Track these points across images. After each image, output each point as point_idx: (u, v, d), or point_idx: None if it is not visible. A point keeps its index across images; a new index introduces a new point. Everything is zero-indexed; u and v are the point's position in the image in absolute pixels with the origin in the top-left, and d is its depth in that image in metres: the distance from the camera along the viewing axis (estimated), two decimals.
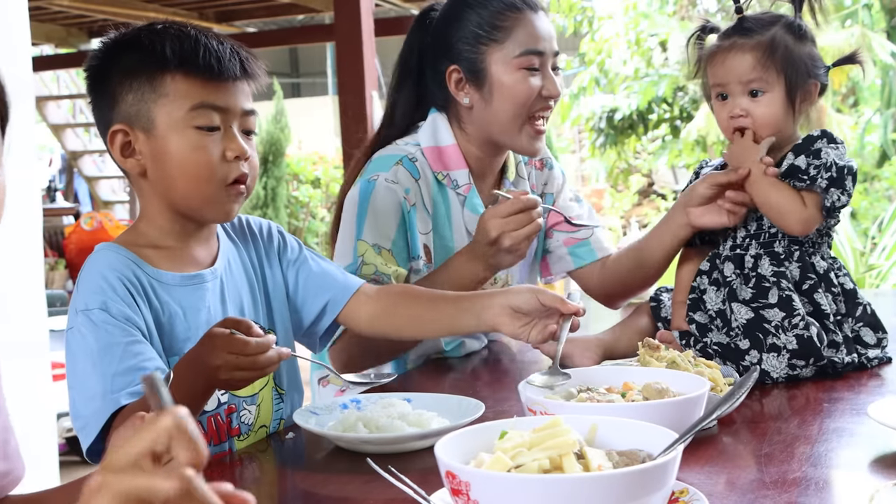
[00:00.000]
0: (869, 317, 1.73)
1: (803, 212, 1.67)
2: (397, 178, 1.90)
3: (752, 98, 1.71)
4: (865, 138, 9.24)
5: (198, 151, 1.41)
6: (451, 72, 1.95)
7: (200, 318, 1.47)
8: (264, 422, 1.55)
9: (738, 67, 1.71)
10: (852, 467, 1.22)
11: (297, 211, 11.39)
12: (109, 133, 1.43)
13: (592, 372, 1.43)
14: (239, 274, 1.56)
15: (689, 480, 1.09)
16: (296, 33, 10.99)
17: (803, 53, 1.72)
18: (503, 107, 1.91)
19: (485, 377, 1.89)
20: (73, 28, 9.21)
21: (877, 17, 9.22)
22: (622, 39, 10.37)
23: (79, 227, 8.75)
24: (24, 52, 3.09)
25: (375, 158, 1.96)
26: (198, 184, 1.42)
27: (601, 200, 13.73)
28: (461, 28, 1.94)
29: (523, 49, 1.90)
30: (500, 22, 1.91)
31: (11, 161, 3.08)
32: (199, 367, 1.30)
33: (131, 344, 1.36)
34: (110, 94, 1.43)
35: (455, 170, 1.98)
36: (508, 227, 1.72)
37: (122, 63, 1.43)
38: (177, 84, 1.40)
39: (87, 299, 1.38)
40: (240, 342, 1.27)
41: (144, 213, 1.49)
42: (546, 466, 0.92)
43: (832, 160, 1.65)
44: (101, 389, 1.34)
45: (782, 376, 1.62)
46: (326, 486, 1.27)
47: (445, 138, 1.98)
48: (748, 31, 1.72)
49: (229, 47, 1.44)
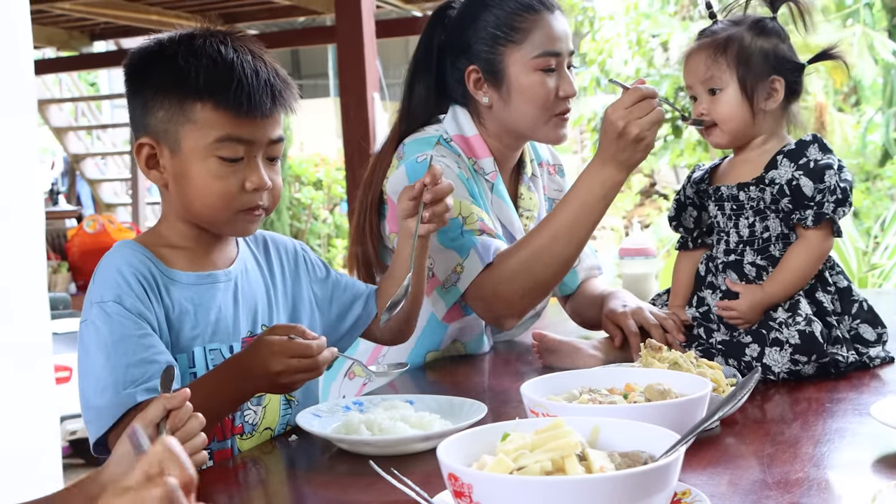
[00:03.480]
0: (866, 313, 1.73)
1: (820, 252, 1.67)
2: (445, 153, 1.92)
3: (712, 96, 1.73)
4: (867, 137, 9.23)
5: (218, 181, 1.45)
6: (469, 71, 1.97)
7: (210, 317, 1.49)
8: (269, 424, 1.56)
9: (696, 68, 1.74)
10: (855, 468, 1.22)
11: (299, 213, 11.39)
12: (137, 144, 1.47)
13: (594, 373, 1.43)
14: (256, 279, 1.59)
15: (691, 481, 1.09)
16: (297, 35, 10.99)
17: (765, 49, 1.71)
18: (522, 108, 1.94)
19: (487, 379, 1.89)
20: (75, 31, 9.21)
21: (878, 15, 9.21)
22: (623, 40, 10.36)
23: (81, 229, 8.75)
24: (27, 54, 3.09)
25: (410, 142, 1.97)
26: (212, 210, 1.46)
27: None
28: (479, 28, 1.95)
29: (541, 51, 1.92)
30: (518, 23, 1.92)
31: (13, 164, 3.08)
32: (248, 373, 1.36)
33: (143, 337, 1.39)
34: (143, 103, 1.47)
35: (481, 157, 2.00)
36: (633, 115, 1.71)
37: (158, 77, 1.46)
38: (206, 113, 1.43)
39: (103, 292, 1.41)
40: (303, 346, 1.34)
41: (165, 216, 1.53)
42: (548, 468, 0.92)
43: (835, 182, 1.64)
44: (114, 380, 1.36)
45: (784, 371, 1.62)
46: (329, 489, 1.27)
47: (469, 129, 2.00)
48: (710, 32, 1.75)
49: (264, 79, 1.45)
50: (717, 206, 1.78)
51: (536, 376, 1.39)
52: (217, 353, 1.50)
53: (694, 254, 1.85)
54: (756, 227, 1.72)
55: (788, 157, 1.69)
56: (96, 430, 1.37)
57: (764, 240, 1.72)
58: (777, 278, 1.67)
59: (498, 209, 2.01)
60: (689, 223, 1.85)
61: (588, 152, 12.97)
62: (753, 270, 1.71)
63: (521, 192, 2.11)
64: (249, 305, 1.55)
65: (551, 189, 2.21)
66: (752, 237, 1.73)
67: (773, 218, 1.71)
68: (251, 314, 1.55)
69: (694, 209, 1.83)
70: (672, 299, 1.87)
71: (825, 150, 1.69)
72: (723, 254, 1.75)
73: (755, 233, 1.72)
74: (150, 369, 1.37)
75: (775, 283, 1.67)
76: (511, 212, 2.03)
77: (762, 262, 1.71)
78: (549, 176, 2.21)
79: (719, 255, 1.76)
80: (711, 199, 1.79)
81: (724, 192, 1.75)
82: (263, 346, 1.35)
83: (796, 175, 1.66)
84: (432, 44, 2.04)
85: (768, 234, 1.71)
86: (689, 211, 1.84)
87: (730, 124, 1.73)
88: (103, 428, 1.36)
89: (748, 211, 1.72)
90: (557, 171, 2.23)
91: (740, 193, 1.73)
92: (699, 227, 1.84)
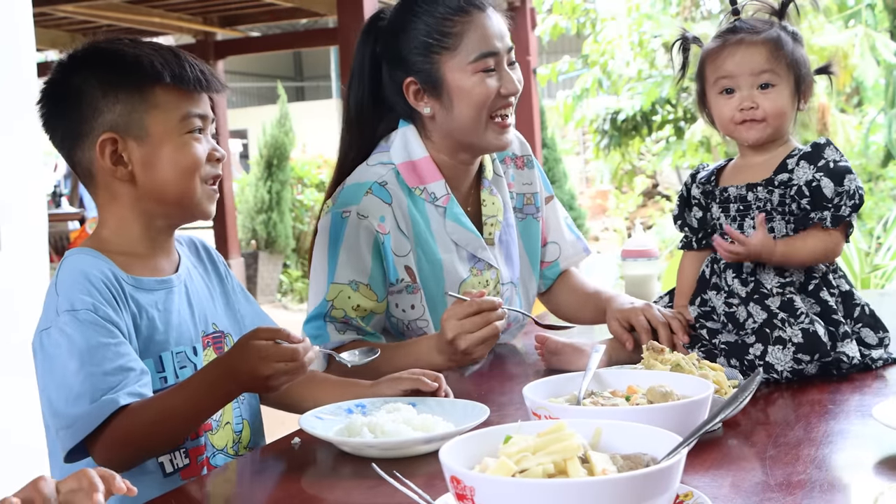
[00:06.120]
0: (868, 317, 1.73)
1: (833, 247, 1.69)
2: (368, 210, 1.90)
3: (762, 91, 1.73)
4: (870, 138, 9.22)
5: (191, 153, 1.51)
6: (408, 84, 1.94)
7: (173, 321, 1.53)
8: (228, 419, 1.60)
9: (751, 60, 1.72)
10: (857, 469, 1.22)
11: (301, 214, 11.40)
12: (99, 142, 1.48)
13: (597, 375, 1.43)
14: (197, 279, 1.63)
15: (693, 483, 1.09)
16: (300, 37, 11.02)
17: (802, 53, 1.76)
18: (463, 111, 1.91)
19: (489, 381, 1.89)
20: (78, 34, 9.21)
21: (880, 16, 9.20)
22: (625, 41, 10.36)
23: (84, 231, 8.76)
24: (29, 57, 3.09)
25: (346, 187, 1.97)
26: (187, 187, 1.51)
27: (606, 202, 13.74)
28: (411, 38, 1.92)
29: (477, 53, 1.89)
30: (449, 28, 1.89)
31: (16, 167, 3.08)
32: (235, 376, 1.39)
33: (118, 345, 1.41)
34: (90, 105, 1.48)
35: (431, 182, 1.98)
36: (464, 328, 1.71)
37: (103, 75, 1.49)
38: (167, 95, 1.49)
39: (74, 300, 1.42)
40: (290, 351, 1.37)
41: (107, 221, 1.54)
42: (550, 471, 0.92)
43: (854, 187, 1.67)
44: (90, 387, 1.37)
45: (787, 370, 1.62)
46: (332, 492, 1.27)
47: (417, 151, 1.98)
48: (751, 28, 1.75)
49: (199, 63, 1.54)
50: (720, 208, 1.78)
51: (539, 378, 1.39)
52: (182, 356, 1.54)
53: (699, 254, 1.85)
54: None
55: (806, 159, 1.70)
56: (72, 438, 1.38)
57: None
58: (790, 244, 1.68)
59: (454, 232, 1.98)
60: (694, 223, 1.85)
61: (590, 154, 12.97)
62: (750, 266, 1.71)
63: (483, 198, 2.07)
64: (198, 306, 1.60)
65: (519, 183, 2.17)
66: None
67: (779, 220, 1.71)
68: (202, 314, 1.60)
69: (699, 209, 1.83)
70: (677, 299, 1.87)
71: (839, 154, 1.71)
72: None
73: None
74: (129, 376, 1.39)
75: (787, 247, 1.68)
76: (468, 232, 2.00)
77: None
78: (517, 170, 2.17)
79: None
80: (716, 201, 1.79)
81: (731, 192, 1.76)
82: (252, 351, 1.38)
83: (817, 176, 1.68)
84: (366, 56, 2.02)
85: (773, 236, 1.71)
86: (693, 211, 1.84)
87: (779, 120, 1.73)
88: (80, 435, 1.37)
89: (754, 212, 1.73)
90: (526, 164, 2.18)
91: (748, 194, 1.73)
92: (704, 228, 1.84)
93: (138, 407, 1.38)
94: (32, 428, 2.92)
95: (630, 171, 12.66)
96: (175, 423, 1.42)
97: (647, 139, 11.63)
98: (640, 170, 13.08)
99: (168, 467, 1.50)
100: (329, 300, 1.90)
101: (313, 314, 1.92)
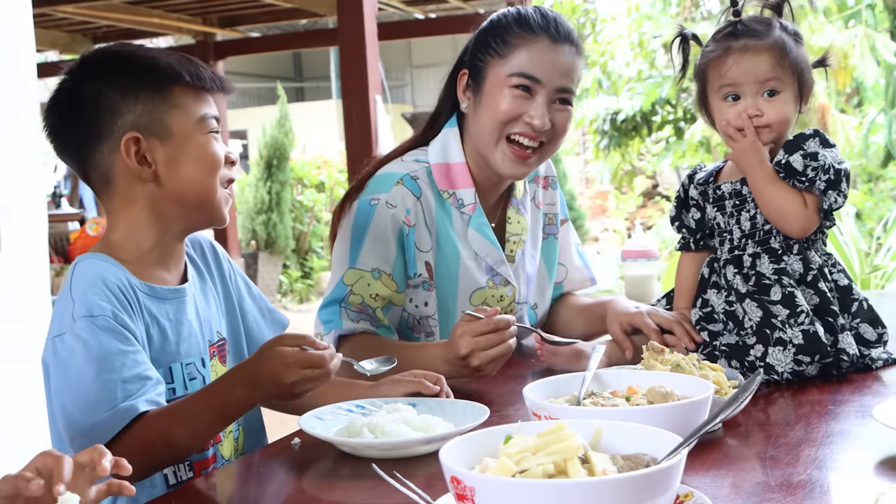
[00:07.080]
0: (866, 312, 1.73)
1: (804, 213, 1.68)
2: (397, 200, 1.91)
3: (767, 98, 1.72)
4: (870, 138, 9.23)
5: (212, 152, 1.51)
6: (462, 75, 1.98)
7: (183, 332, 1.51)
8: (231, 427, 1.60)
9: (756, 68, 1.71)
10: (857, 470, 1.22)
11: (301, 215, 11.40)
12: (123, 141, 1.46)
13: (597, 376, 1.43)
14: (202, 288, 1.62)
15: (693, 484, 1.09)
16: (299, 38, 11.01)
17: (803, 54, 1.75)
18: (485, 118, 1.93)
19: (489, 381, 1.89)
20: (78, 34, 9.22)
21: (880, 17, 9.21)
22: (625, 41, 10.37)
23: (84, 232, 8.75)
24: (29, 58, 3.10)
25: (378, 176, 1.98)
26: (210, 187, 1.51)
27: (605, 202, 13.75)
28: (481, 35, 1.97)
29: (519, 70, 1.89)
30: (510, 38, 1.92)
31: (16, 167, 3.09)
32: (258, 383, 1.36)
33: (136, 353, 1.39)
34: (109, 108, 1.47)
35: (461, 188, 1.98)
36: (479, 346, 1.70)
37: (124, 77, 1.48)
38: (185, 95, 1.49)
39: (91, 306, 1.39)
40: (317, 357, 1.35)
41: (118, 227, 1.51)
42: (550, 471, 0.92)
43: (830, 162, 1.66)
44: (108, 395, 1.35)
45: (787, 371, 1.62)
46: (332, 492, 1.27)
47: (455, 155, 1.99)
48: (754, 32, 1.73)
49: (208, 66, 1.57)
50: (716, 208, 1.78)
51: (539, 379, 1.39)
52: (192, 367, 1.52)
53: (697, 255, 1.85)
54: (757, 220, 1.73)
55: (786, 148, 1.71)
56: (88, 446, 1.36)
57: (765, 231, 1.72)
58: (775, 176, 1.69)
59: (475, 241, 1.99)
60: (692, 224, 1.85)
61: (590, 154, 12.98)
62: (749, 260, 1.71)
63: (509, 215, 2.08)
64: (205, 316, 1.58)
65: (544, 203, 2.19)
66: (753, 230, 1.73)
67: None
68: (207, 324, 1.58)
69: (697, 210, 1.83)
70: (677, 301, 1.87)
71: (827, 145, 1.70)
72: (727, 252, 1.76)
73: (756, 225, 1.73)
74: (146, 384, 1.37)
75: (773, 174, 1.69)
76: (490, 244, 2.00)
77: (762, 251, 1.71)
78: (542, 190, 2.19)
79: (723, 255, 1.76)
80: (710, 201, 1.79)
81: (725, 189, 1.76)
82: (276, 358, 1.35)
83: (785, 156, 1.69)
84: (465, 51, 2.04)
85: (769, 226, 1.71)
86: (691, 212, 1.84)
87: (783, 126, 1.73)
88: (97, 444, 1.35)
89: (749, 204, 1.73)
90: (550, 184, 2.20)
91: (743, 188, 1.74)
92: (702, 230, 1.84)
93: (156, 415, 1.36)
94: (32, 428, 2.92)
95: (630, 171, 12.68)
96: (194, 431, 1.39)
97: (646, 139, 11.65)
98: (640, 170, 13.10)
99: (171, 479, 1.49)
100: (348, 284, 1.90)
101: (329, 299, 1.92)
